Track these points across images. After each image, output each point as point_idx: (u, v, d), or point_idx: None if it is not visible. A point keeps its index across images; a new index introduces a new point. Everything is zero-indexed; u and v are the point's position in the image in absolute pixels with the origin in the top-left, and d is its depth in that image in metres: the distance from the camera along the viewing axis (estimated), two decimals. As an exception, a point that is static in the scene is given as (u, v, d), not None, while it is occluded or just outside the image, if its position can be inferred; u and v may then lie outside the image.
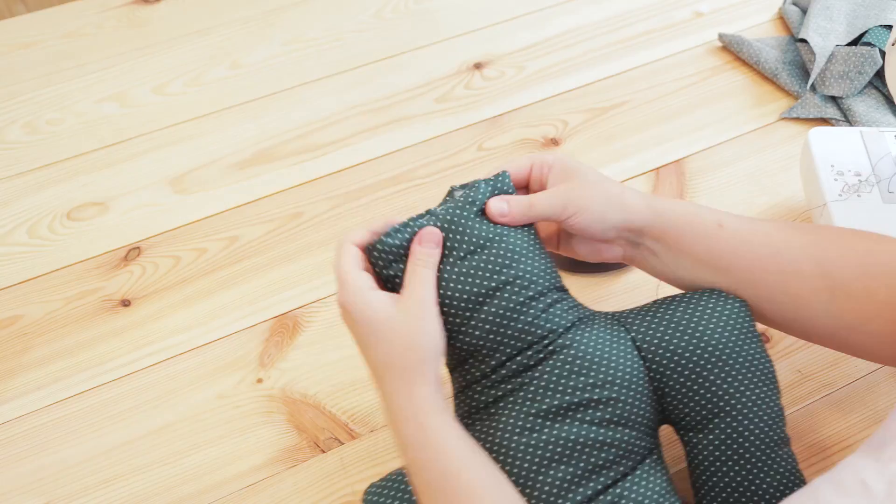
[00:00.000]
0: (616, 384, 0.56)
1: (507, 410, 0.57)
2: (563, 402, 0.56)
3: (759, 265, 0.58)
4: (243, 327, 0.78)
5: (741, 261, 0.58)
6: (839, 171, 0.78)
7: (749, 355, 0.58)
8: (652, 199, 0.59)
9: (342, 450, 0.69)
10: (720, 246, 0.58)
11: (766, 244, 0.58)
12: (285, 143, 0.95)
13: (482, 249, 0.57)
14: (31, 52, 1.06)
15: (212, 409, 0.73)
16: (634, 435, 0.56)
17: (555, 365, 0.56)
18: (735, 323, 0.59)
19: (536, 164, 0.61)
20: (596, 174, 0.59)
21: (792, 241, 0.58)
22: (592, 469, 0.55)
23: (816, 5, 1.01)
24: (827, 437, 0.67)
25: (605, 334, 0.58)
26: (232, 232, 0.86)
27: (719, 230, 0.58)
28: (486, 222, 0.58)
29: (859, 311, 0.56)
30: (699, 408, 0.58)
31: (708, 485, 0.58)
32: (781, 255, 0.57)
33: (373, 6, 1.11)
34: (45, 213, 0.89)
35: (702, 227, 0.58)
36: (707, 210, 0.59)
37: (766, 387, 0.59)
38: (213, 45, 1.06)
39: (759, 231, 0.58)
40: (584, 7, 1.09)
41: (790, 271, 0.57)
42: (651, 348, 0.59)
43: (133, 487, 0.68)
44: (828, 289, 0.56)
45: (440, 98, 0.99)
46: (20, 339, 0.78)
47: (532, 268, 0.57)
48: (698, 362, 0.58)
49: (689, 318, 0.59)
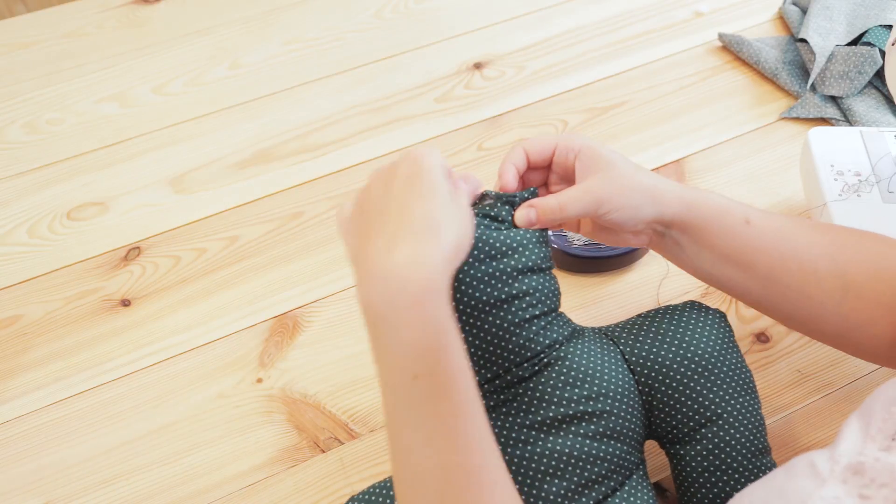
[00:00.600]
0: (609, 397, 0.56)
1: (501, 421, 0.56)
2: (557, 413, 0.55)
3: (780, 264, 0.57)
4: (243, 327, 0.78)
5: (765, 258, 0.57)
6: (839, 171, 0.78)
7: (732, 366, 0.59)
8: (683, 190, 0.57)
9: (342, 450, 0.69)
10: (746, 243, 0.57)
11: (789, 242, 0.57)
12: (285, 143, 0.95)
13: (500, 257, 0.55)
14: (31, 52, 1.06)
15: (212, 408, 0.73)
16: (625, 449, 0.56)
17: (549, 376, 0.56)
18: (718, 335, 0.60)
19: (562, 147, 0.58)
20: (627, 164, 0.57)
21: (813, 240, 0.58)
22: (586, 483, 0.55)
23: (816, 5, 1.01)
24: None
25: (596, 347, 0.58)
26: (232, 232, 0.86)
27: (746, 227, 0.57)
28: (505, 230, 0.55)
29: (867, 312, 0.56)
30: (686, 419, 0.58)
31: (697, 496, 0.58)
32: (802, 255, 0.57)
33: (373, 6, 1.11)
34: (45, 213, 0.89)
35: (730, 222, 0.57)
36: (737, 205, 0.58)
37: (749, 396, 0.59)
38: (213, 45, 1.06)
39: (784, 229, 0.58)
40: (584, 7, 1.09)
41: (809, 271, 0.57)
42: (640, 361, 0.59)
43: (133, 487, 0.68)
44: (840, 289, 0.56)
45: (440, 98, 0.99)
46: (20, 339, 0.78)
47: (542, 285, 0.56)
48: (685, 373, 0.58)
49: (675, 330, 0.60)
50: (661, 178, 0.58)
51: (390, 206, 0.50)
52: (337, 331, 0.77)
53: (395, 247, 0.47)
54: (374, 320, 0.48)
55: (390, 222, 0.49)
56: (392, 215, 0.49)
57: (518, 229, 0.56)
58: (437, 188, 0.49)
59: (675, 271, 0.79)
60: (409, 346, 0.46)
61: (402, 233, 0.48)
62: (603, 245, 0.79)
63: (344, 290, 0.80)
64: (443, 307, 0.47)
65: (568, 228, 0.62)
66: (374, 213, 0.51)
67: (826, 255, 0.57)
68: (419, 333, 0.46)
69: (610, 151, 0.57)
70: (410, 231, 0.48)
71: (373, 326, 0.48)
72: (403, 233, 0.48)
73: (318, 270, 0.82)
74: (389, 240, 0.48)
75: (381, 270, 0.47)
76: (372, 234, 0.50)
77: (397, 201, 0.49)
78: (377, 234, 0.49)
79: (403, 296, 0.46)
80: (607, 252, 0.78)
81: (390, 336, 0.47)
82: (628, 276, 0.80)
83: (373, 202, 0.52)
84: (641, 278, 0.79)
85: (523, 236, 0.55)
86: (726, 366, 0.59)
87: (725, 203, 0.58)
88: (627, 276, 0.79)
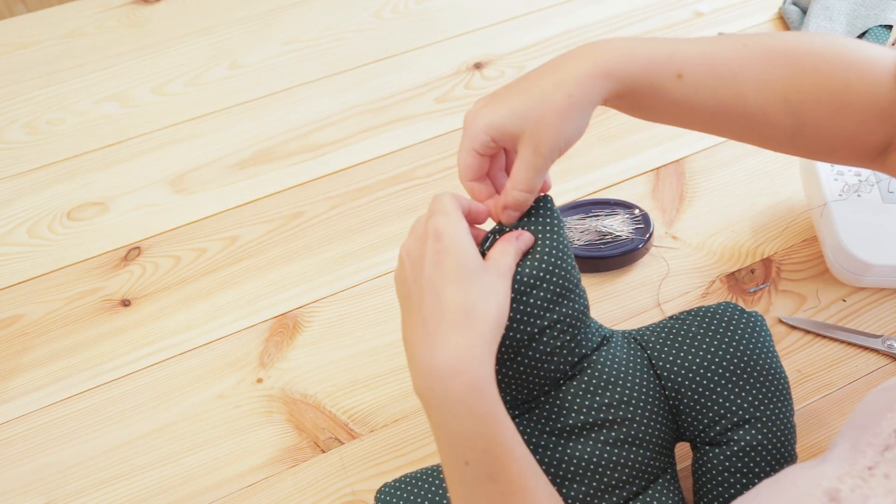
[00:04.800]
0: (631, 404, 0.56)
1: (522, 428, 0.57)
2: (577, 421, 0.56)
3: (721, 112, 0.55)
4: (243, 327, 0.78)
5: (703, 109, 0.55)
6: (839, 171, 0.79)
7: (765, 369, 0.58)
8: (599, 69, 0.52)
9: (342, 450, 0.69)
10: (680, 97, 0.54)
11: (730, 88, 0.54)
12: (285, 143, 0.95)
13: (527, 293, 0.54)
14: (31, 52, 1.06)
15: (212, 408, 0.73)
16: (647, 455, 0.56)
17: (572, 385, 0.56)
18: (750, 337, 0.59)
19: (480, 146, 0.55)
20: (528, 115, 0.52)
21: (760, 78, 0.55)
22: (605, 489, 0.55)
23: (816, 5, 1.01)
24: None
25: (622, 354, 0.58)
26: (232, 232, 0.86)
27: (679, 81, 0.54)
28: (534, 258, 0.54)
29: (826, 143, 0.56)
30: (713, 423, 0.57)
31: (711, 494, 0.58)
32: (748, 98, 0.55)
33: (373, 6, 1.11)
34: (45, 213, 0.89)
35: (659, 85, 0.54)
36: (667, 59, 0.54)
37: (782, 402, 0.58)
38: (213, 45, 1.06)
39: (723, 75, 0.54)
40: (584, 7, 1.09)
41: (757, 113, 0.55)
42: (665, 364, 0.58)
43: (133, 487, 0.68)
44: (795, 126, 0.55)
45: (440, 98, 0.99)
46: (20, 339, 0.78)
47: (571, 309, 0.55)
48: (712, 377, 0.57)
49: (704, 333, 0.59)
50: (564, 71, 0.53)
51: (424, 292, 0.50)
52: (337, 331, 0.77)
53: (436, 344, 0.49)
54: (426, 407, 0.50)
55: (427, 312, 0.50)
56: (427, 304, 0.50)
57: (536, 262, 0.54)
58: (465, 267, 0.50)
59: (675, 271, 0.79)
60: (458, 435, 0.49)
61: (440, 326, 0.49)
62: (603, 245, 0.79)
63: (344, 290, 0.80)
64: (488, 396, 0.48)
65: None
66: (411, 301, 0.52)
67: (778, 96, 0.55)
68: (467, 425, 0.48)
69: (511, 112, 0.53)
70: (448, 324, 0.49)
71: (427, 411, 0.51)
72: (441, 326, 0.49)
73: (318, 270, 0.82)
74: (429, 334, 0.49)
75: (427, 367, 0.49)
76: (413, 322, 0.51)
77: (430, 287, 0.50)
78: (418, 325, 0.50)
79: (449, 393, 0.48)
80: (607, 252, 0.78)
81: (441, 426, 0.50)
82: (628, 276, 0.80)
83: (407, 288, 0.52)
84: (641, 278, 0.79)
85: (545, 267, 0.54)
86: (758, 369, 0.58)
87: (649, 62, 0.54)
88: (627, 276, 0.79)
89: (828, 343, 0.74)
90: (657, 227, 0.83)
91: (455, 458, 0.49)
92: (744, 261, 0.80)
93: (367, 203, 0.88)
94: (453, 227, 0.51)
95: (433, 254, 0.50)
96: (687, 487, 0.63)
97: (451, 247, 0.50)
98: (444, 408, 0.48)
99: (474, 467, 0.48)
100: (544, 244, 0.55)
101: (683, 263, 0.80)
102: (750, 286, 0.78)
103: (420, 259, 0.51)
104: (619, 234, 0.79)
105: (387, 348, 0.75)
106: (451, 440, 0.49)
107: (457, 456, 0.49)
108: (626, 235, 0.79)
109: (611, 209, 0.82)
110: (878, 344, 0.72)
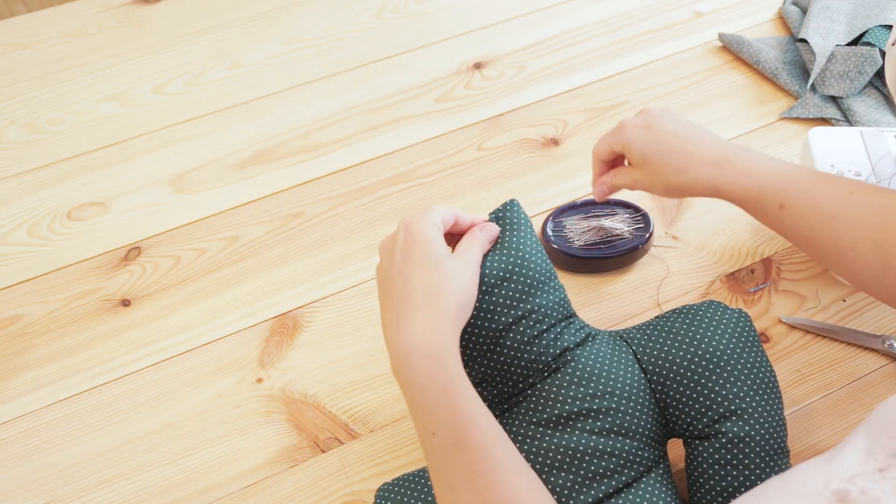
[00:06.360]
0: (616, 395, 0.57)
1: (510, 420, 0.59)
2: (563, 411, 0.57)
3: (817, 243, 0.60)
4: (243, 327, 0.78)
5: (799, 239, 0.61)
6: (839, 171, 0.79)
7: (750, 363, 0.59)
8: (718, 176, 0.62)
9: (342, 450, 0.69)
10: (779, 227, 0.61)
11: (826, 225, 0.59)
12: (285, 143, 0.95)
13: (502, 283, 0.58)
14: (31, 52, 1.06)
15: (212, 409, 0.73)
16: (636, 445, 0.57)
17: (556, 377, 0.58)
18: (734, 332, 0.60)
19: (615, 148, 0.69)
20: (665, 162, 0.65)
21: (851, 220, 0.58)
22: (592, 477, 0.55)
23: (816, 5, 1.01)
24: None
25: (606, 349, 0.60)
26: (232, 232, 0.86)
27: (780, 212, 0.60)
28: (501, 255, 0.59)
29: None
30: (700, 415, 0.58)
31: (704, 488, 0.58)
32: (840, 236, 0.58)
33: (373, 6, 1.11)
34: (45, 213, 0.89)
35: (762, 209, 0.61)
36: (770, 190, 0.60)
37: (769, 395, 0.59)
38: (213, 45, 1.06)
39: (822, 212, 0.59)
40: (584, 7, 1.09)
41: (846, 248, 0.58)
42: (651, 360, 0.60)
43: (133, 487, 0.68)
44: (882, 266, 0.57)
45: (440, 98, 0.99)
46: (20, 339, 0.78)
47: (546, 300, 0.59)
48: (696, 370, 0.59)
49: (688, 328, 0.61)
50: (703, 162, 0.63)
51: (395, 280, 0.56)
52: (337, 331, 0.77)
53: (402, 323, 0.54)
54: (400, 387, 0.54)
55: (396, 297, 0.55)
56: (397, 290, 0.55)
57: (504, 258, 0.59)
58: (431, 255, 0.55)
59: (675, 271, 0.79)
60: (423, 408, 0.52)
61: (406, 308, 0.54)
62: (603, 245, 0.79)
63: (344, 290, 0.80)
64: (450, 368, 0.52)
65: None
66: (384, 289, 0.57)
67: (867, 238, 0.57)
68: (430, 397, 0.52)
69: (643, 151, 0.66)
70: (413, 305, 0.54)
71: (402, 391, 0.54)
72: (407, 307, 0.54)
73: (318, 270, 0.82)
74: (397, 315, 0.54)
75: (396, 347, 0.54)
76: (386, 308, 0.56)
77: (400, 275, 0.56)
78: (389, 309, 0.56)
79: (414, 368, 0.52)
80: (607, 252, 0.78)
81: (410, 401, 0.53)
82: (628, 276, 0.80)
83: (382, 277, 0.58)
84: (641, 278, 0.79)
85: (513, 261, 0.59)
86: (743, 363, 0.59)
87: (759, 190, 0.61)
88: (627, 276, 0.79)
89: (828, 343, 0.74)
90: (657, 227, 0.83)
91: (424, 430, 0.52)
92: (744, 261, 0.80)
93: (367, 203, 0.88)
94: (421, 221, 0.57)
95: (402, 244, 0.57)
96: (683, 489, 0.63)
97: (417, 237, 0.56)
98: (410, 381, 0.52)
99: (440, 437, 0.51)
100: (511, 242, 0.60)
101: (683, 263, 0.80)
102: (750, 286, 0.78)
103: (392, 251, 0.57)
104: (619, 234, 0.79)
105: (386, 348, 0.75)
106: (418, 413, 0.52)
107: (425, 429, 0.52)
108: (627, 235, 0.79)
109: (611, 209, 0.82)
110: (877, 344, 0.72)
